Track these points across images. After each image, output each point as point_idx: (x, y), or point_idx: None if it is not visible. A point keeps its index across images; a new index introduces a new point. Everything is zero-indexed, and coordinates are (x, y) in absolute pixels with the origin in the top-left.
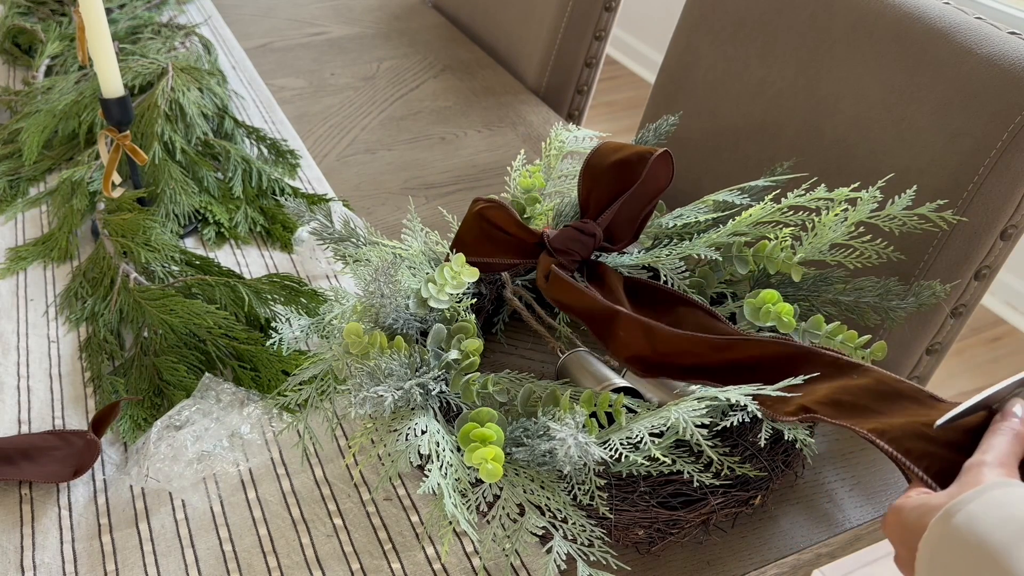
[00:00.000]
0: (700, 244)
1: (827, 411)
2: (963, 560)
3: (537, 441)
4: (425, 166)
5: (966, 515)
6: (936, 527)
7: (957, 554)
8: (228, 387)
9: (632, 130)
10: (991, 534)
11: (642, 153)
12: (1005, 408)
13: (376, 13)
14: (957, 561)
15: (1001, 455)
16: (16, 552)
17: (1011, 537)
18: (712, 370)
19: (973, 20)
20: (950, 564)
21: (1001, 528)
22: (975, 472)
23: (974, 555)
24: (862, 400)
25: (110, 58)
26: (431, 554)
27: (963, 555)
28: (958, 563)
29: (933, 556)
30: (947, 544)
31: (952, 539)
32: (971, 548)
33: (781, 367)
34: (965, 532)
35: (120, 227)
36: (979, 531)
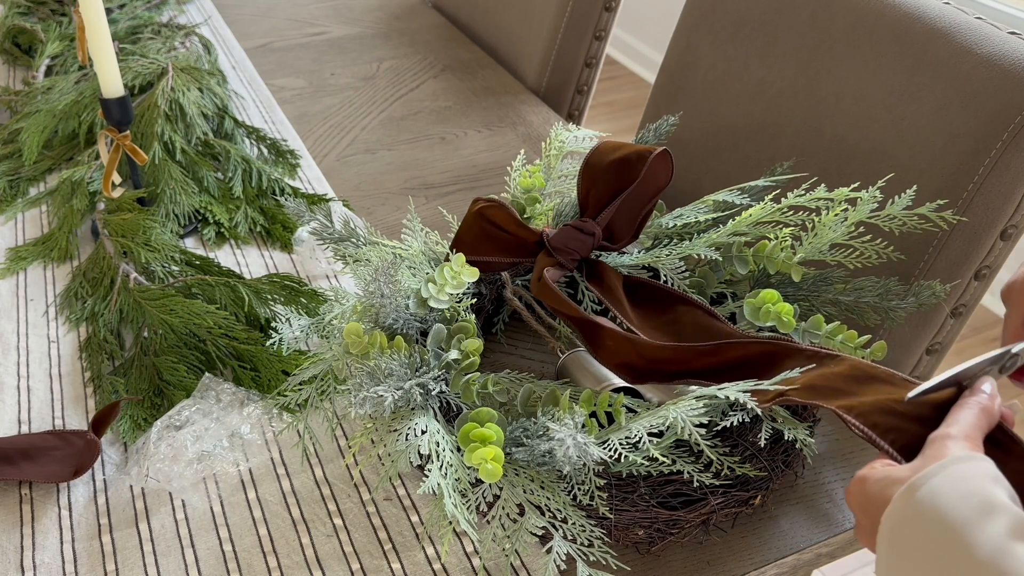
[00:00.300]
0: (700, 244)
1: (800, 394)
2: (924, 534)
3: (537, 441)
4: (425, 166)
5: (929, 489)
6: (899, 500)
7: (918, 528)
8: (228, 387)
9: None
10: (952, 509)
11: (641, 152)
12: (974, 384)
13: (376, 13)
14: (918, 535)
15: (966, 428)
16: (16, 552)
17: (971, 513)
18: (699, 373)
19: (973, 20)
20: (911, 538)
21: (962, 503)
22: (939, 445)
23: (934, 530)
24: (836, 384)
25: (110, 58)
26: (431, 554)
27: (924, 529)
28: (919, 537)
29: (895, 529)
30: (909, 518)
31: (914, 513)
32: (932, 522)
33: (764, 364)
34: (927, 506)
35: (120, 227)
36: (940, 506)
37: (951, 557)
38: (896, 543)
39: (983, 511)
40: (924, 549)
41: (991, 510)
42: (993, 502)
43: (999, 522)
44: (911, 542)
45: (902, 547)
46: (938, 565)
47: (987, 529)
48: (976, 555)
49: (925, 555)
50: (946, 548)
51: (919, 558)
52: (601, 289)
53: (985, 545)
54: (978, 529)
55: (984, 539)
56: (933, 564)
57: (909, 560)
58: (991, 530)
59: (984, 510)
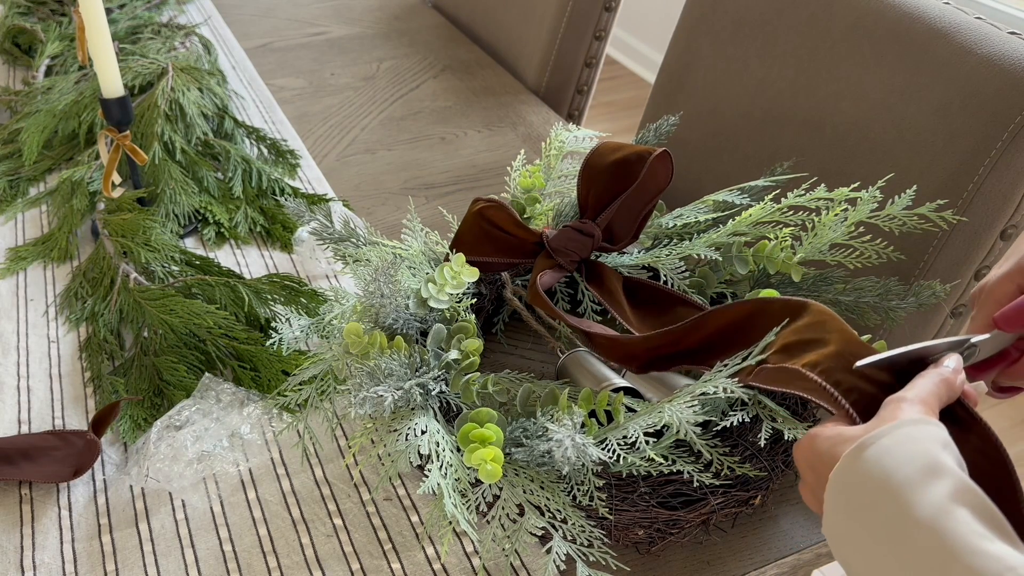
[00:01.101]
0: (700, 244)
1: (776, 359)
2: (867, 493)
3: (536, 441)
4: (425, 166)
5: (877, 449)
6: (847, 459)
7: (863, 487)
8: (228, 387)
9: (632, 130)
10: (897, 470)
11: (641, 153)
12: (939, 359)
13: (376, 13)
14: (862, 494)
15: (923, 394)
16: (16, 552)
17: (915, 473)
18: (695, 352)
19: (973, 20)
20: (856, 496)
21: (907, 464)
22: (894, 407)
23: (877, 489)
24: (805, 335)
25: (110, 58)
26: (431, 554)
27: (867, 489)
28: (862, 496)
29: (841, 488)
30: (855, 477)
31: (860, 472)
32: (876, 481)
33: (746, 326)
34: (872, 465)
35: (120, 227)
36: (886, 466)
37: (891, 516)
38: (841, 501)
39: (927, 472)
40: (867, 508)
41: (935, 472)
42: (938, 465)
43: (942, 484)
44: (856, 501)
45: (847, 505)
46: (879, 524)
47: (929, 490)
48: (915, 514)
49: (868, 514)
50: (887, 507)
51: (863, 517)
52: (601, 290)
53: (925, 505)
54: (920, 489)
55: (925, 500)
56: (875, 523)
57: (854, 519)
58: (933, 491)
59: (928, 472)
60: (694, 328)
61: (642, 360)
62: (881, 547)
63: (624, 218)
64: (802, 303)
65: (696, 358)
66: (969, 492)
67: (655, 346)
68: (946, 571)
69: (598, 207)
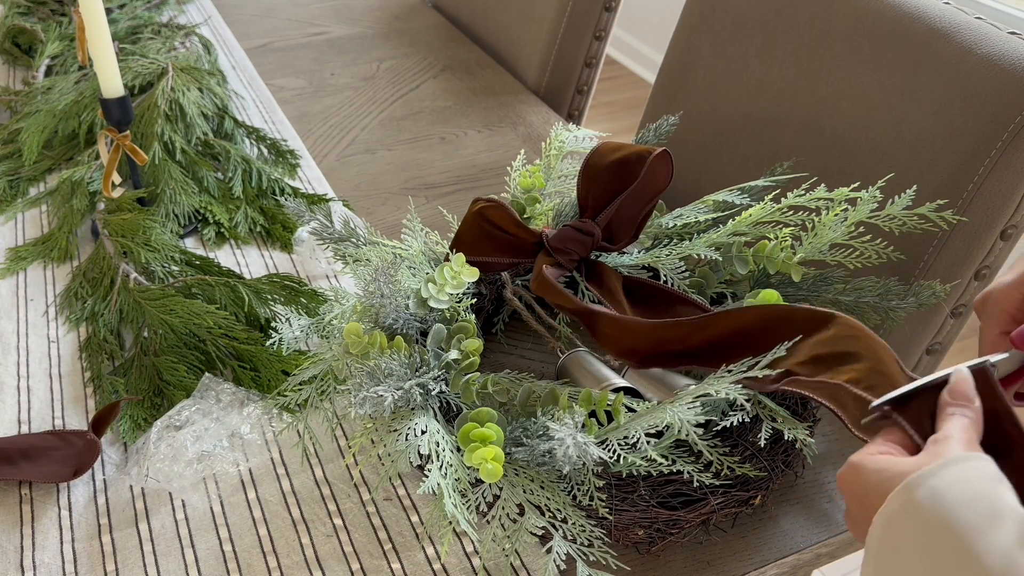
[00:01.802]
0: (700, 244)
1: (807, 370)
2: (924, 536)
3: (537, 441)
4: (425, 166)
5: (929, 489)
6: (896, 498)
7: (919, 529)
8: (228, 387)
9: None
10: (958, 512)
11: (641, 152)
12: (952, 387)
13: (376, 13)
14: (918, 536)
15: (966, 433)
16: (16, 552)
17: (979, 518)
18: (700, 353)
19: (973, 20)
20: (906, 538)
21: (969, 507)
22: (943, 444)
23: (938, 533)
24: (837, 347)
25: (110, 58)
26: (431, 554)
27: (925, 531)
28: (919, 538)
29: (889, 527)
30: (906, 517)
31: (913, 513)
32: (934, 525)
33: (763, 334)
34: (928, 507)
35: (120, 227)
36: (944, 508)
37: (955, 564)
38: (890, 540)
39: (990, 516)
40: (922, 552)
41: (998, 514)
42: (1000, 506)
43: (1007, 528)
44: (908, 541)
45: (895, 547)
46: (938, 570)
47: (995, 536)
48: (984, 563)
49: (922, 558)
50: (949, 553)
51: (915, 561)
52: (600, 290)
53: (993, 553)
54: (985, 535)
55: (992, 547)
56: (932, 568)
57: (902, 563)
58: (1000, 537)
59: (992, 514)
60: (702, 327)
61: (644, 354)
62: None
63: (624, 218)
64: (829, 314)
65: (702, 359)
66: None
67: (660, 340)
68: None
69: (598, 207)
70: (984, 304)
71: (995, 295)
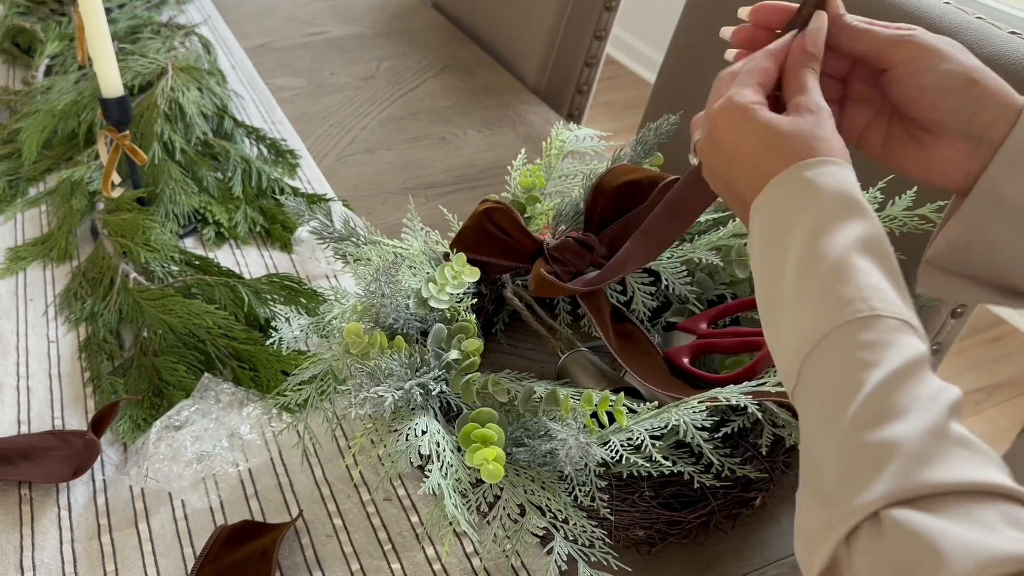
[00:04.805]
0: (701, 246)
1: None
2: (796, 205)
3: (538, 441)
4: (425, 166)
5: (816, 173)
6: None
7: (793, 200)
8: (228, 387)
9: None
10: (823, 200)
11: (653, 178)
12: (811, 36)
13: (376, 13)
14: (791, 205)
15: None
16: (16, 552)
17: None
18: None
19: (973, 20)
20: (783, 205)
21: (834, 199)
22: (817, 115)
23: (805, 205)
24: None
25: (110, 58)
26: (431, 554)
27: (798, 201)
28: (792, 207)
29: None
30: (791, 189)
31: (797, 188)
32: (804, 203)
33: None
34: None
35: (120, 227)
36: (816, 192)
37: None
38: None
39: (845, 210)
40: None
41: (852, 211)
42: (855, 204)
43: (854, 225)
44: (783, 208)
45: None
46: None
47: (846, 227)
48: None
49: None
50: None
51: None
52: (591, 308)
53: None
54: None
55: (837, 239)
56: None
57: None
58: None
59: (847, 209)
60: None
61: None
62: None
63: (627, 238)
64: None
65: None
66: (879, 243)
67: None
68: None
69: (603, 223)
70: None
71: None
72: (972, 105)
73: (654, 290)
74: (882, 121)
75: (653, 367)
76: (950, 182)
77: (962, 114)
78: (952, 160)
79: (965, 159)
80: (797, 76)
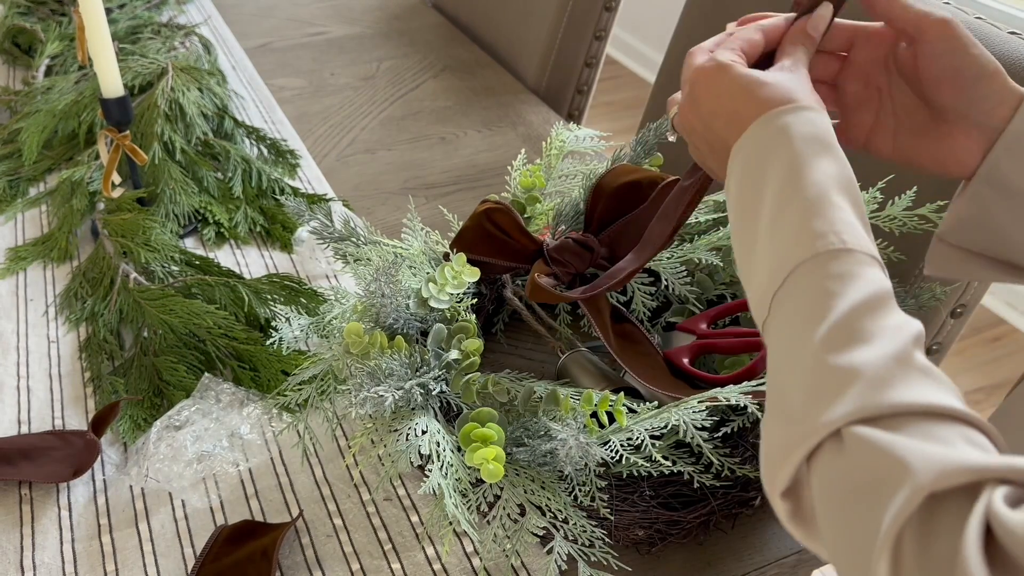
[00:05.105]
0: (701, 246)
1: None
2: (770, 149)
3: (538, 441)
4: (425, 166)
5: (792, 117)
6: (767, 119)
7: (769, 146)
8: (228, 387)
9: (632, 130)
10: (799, 143)
11: (653, 178)
12: (815, 22)
13: (376, 13)
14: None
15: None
16: (16, 552)
17: (813, 148)
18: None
19: (973, 20)
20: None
21: (809, 140)
22: (798, 73)
23: (782, 146)
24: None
25: (110, 58)
26: (431, 554)
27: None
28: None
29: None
30: (768, 136)
31: (774, 133)
32: (782, 145)
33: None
34: (782, 131)
35: (120, 227)
36: (791, 134)
37: (786, 170)
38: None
39: (822, 147)
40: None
41: (825, 150)
42: (829, 143)
43: (828, 162)
44: (759, 156)
45: (752, 158)
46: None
47: (819, 164)
48: (807, 176)
49: (769, 166)
50: (787, 167)
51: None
52: (591, 308)
53: (815, 175)
54: (815, 159)
55: (816, 174)
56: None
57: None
58: (822, 166)
59: (823, 148)
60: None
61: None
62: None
63: (627, 239)
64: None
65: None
66: (851, 184)
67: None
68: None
69: (602, 224)
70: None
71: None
72: (994, 96)
73: (654, 290)
74: (887, 119)
75: (653, 367)
76: (966, 171)
77: (985, 103)
78: (968, 149)
79: (981, 149)
80: (790, 49)
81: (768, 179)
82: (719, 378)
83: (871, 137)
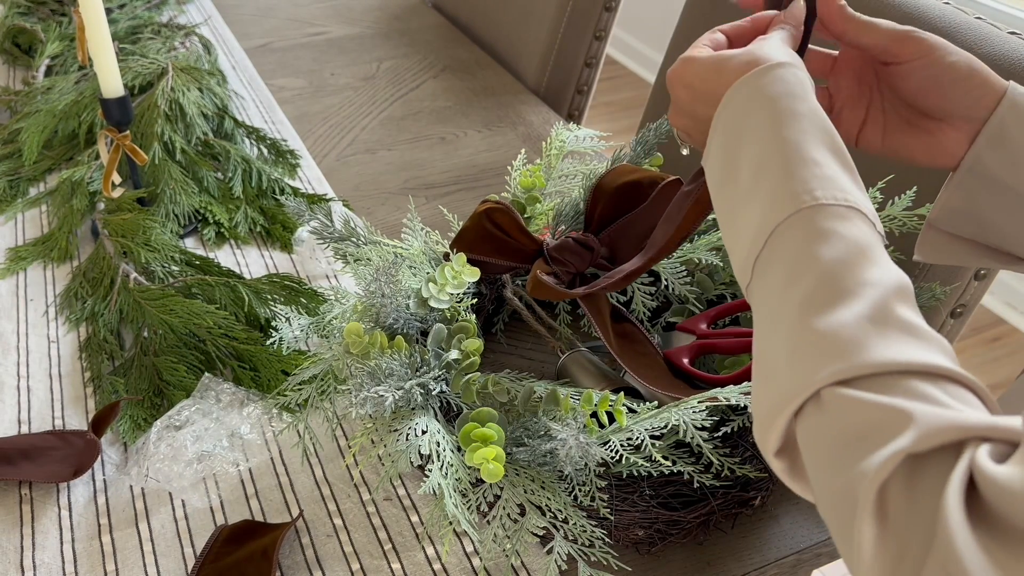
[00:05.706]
0: (701, 247)
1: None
2: (754, 107)
3: (538, 441)
4: (425, 166)
5: (769, 76)
6: (743, 81)
7: (750, 104)
8: (228, 387)
9: (632, 130)
10: (780, 98)
11: (654, 178)
12: (790, 11)
13: (376, 13)
14: (749, 110)
15: (785, 41)
16: (16, 552)
17: (793, 98)
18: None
19: (973, 20)
20: (742, 111)
21: (789, 94)
22: (768, 40)
23: (764, 103)
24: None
25: (110, 58)
26: (431, 554)
27: (755, 103)
28: (749, 112)
29: (731, 102)
30: (747, 96)
31: (752, 92)
32: (763, 100)
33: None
34: (762, 85)
35: (120, 227)
36: (771, 89)
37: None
38: (730, 119)
39: (801, 97)
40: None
41: (803, 97)
42: (806, 95)
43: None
44: (742, 117)
45: (734, 122)
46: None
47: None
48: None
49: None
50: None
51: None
52: (591, 308)
53: (798, 118)
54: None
55: (792, 130)
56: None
57: (738, 130)
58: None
59: (802, 96)
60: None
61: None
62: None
63: (628, 239)
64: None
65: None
66: (828, 132)
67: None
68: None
69: (603, 224)
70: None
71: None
72: (976, 91)
73: (654, 290)
74: (876, 116)
75: (653, 367)
76: (956, 161)
77: (968, 100)
78: (957, 141)
79: (969, 140)
80: (768, 31)
81: (743, 144)
82: (719, 378)
83: (862, 134)
